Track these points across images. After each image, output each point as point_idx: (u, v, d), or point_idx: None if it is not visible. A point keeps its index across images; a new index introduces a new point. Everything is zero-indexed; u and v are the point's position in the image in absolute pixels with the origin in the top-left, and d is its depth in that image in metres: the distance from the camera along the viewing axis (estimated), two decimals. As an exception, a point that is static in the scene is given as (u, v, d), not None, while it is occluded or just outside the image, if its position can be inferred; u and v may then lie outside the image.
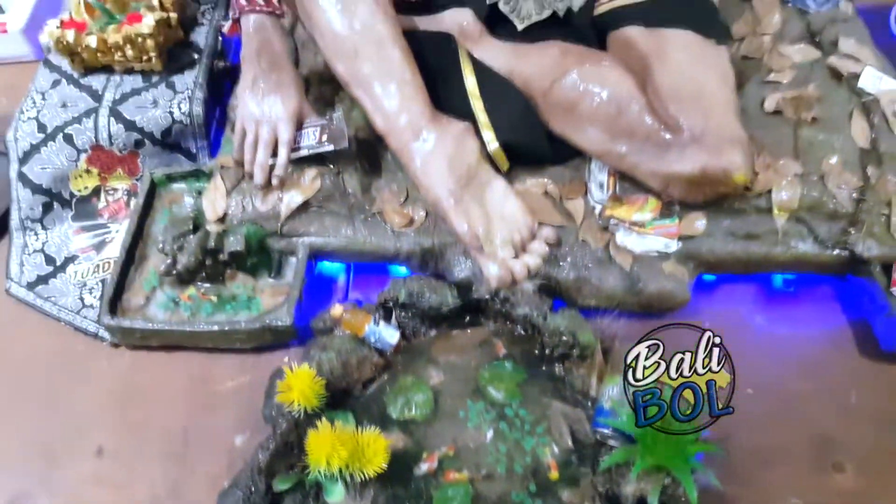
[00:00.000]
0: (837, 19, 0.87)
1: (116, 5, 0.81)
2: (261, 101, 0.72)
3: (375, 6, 0.73)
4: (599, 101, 0.72)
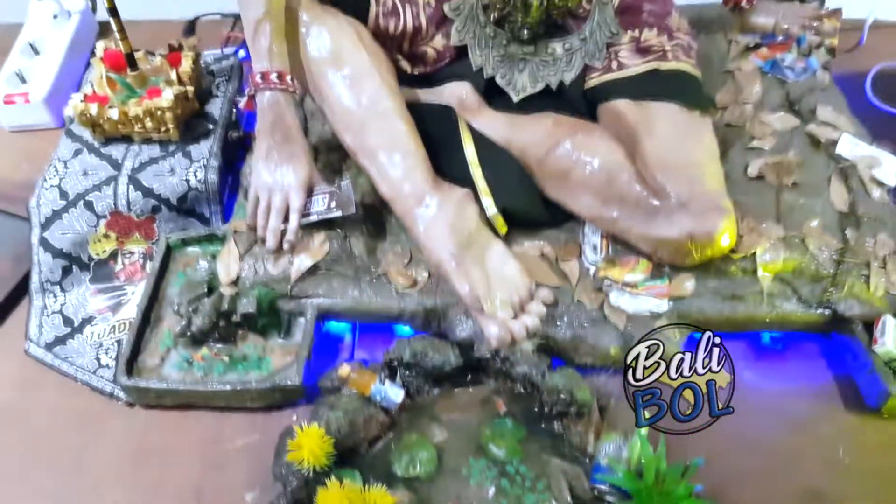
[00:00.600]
0: (815, 88, 0.92)
1: (137, 80, 0.87)
2: (274, 171, 0.76)
3: (381, 83, 0.79)
4: (591, 170, 0.76)
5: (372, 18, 0.83)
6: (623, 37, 0.84)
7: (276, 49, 0.76)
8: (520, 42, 0.85)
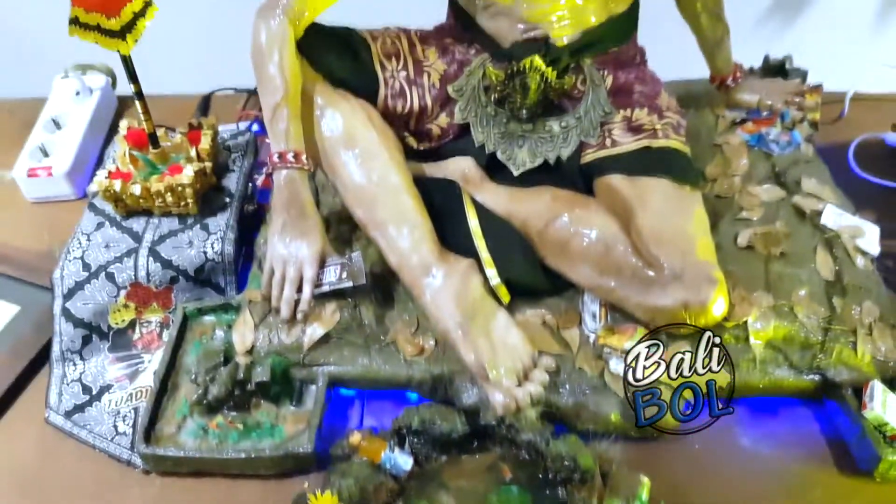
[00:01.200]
0: (800, 161, 0.97)
1: (159, 157, 0.92)
2: (288, 245, 0.80)
3: (390, 160, 0.84)
4: (588, 242, 0.81)
5: (381, 100, 0.89)
6: (616, 116, 0.89)
7: (293, 131, 0.81)
8: (519, 120, 0.90)
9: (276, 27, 0.82)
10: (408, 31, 0.95)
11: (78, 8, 0.79)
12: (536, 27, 0.88)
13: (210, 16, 1.45)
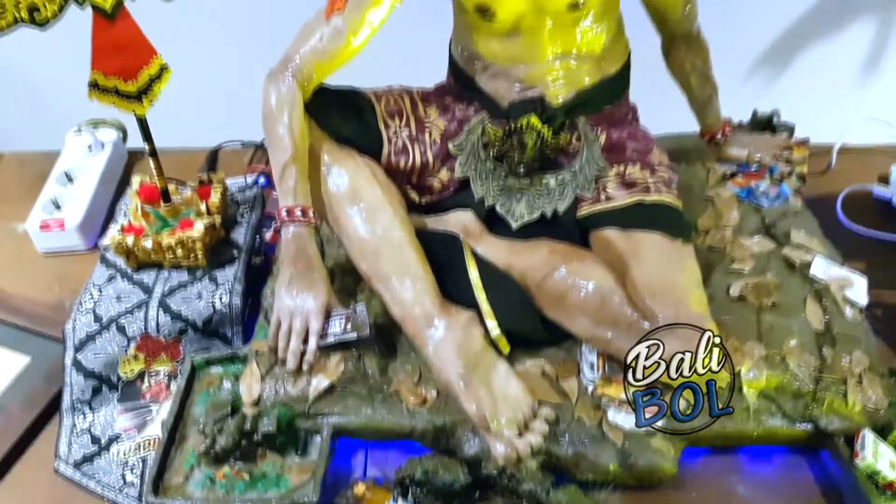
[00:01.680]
0: (788, 213, 1.00)
1: (170, 212, 0.95)
2: (295, 297, 0.83)
3: (394, 215, 0.87)
4: (585, 294, 0.84)
5: (385, 156, 0.92)
6: (610, 171, 0.93)
7: (301, 188, 0.85)
8: (517, 175, 0.94)
9: (286, 90, 0.86)
10: (410, 90, 0.99)
11: (97, 72, 0.83)
12: (533, 88, 0.92)
13: (217, 73, 1.50)
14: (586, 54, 0.91)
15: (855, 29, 1.51)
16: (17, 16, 0.76)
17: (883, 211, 1.10)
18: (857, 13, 1.50)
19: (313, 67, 0.87)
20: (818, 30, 1.51)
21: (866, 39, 1.53)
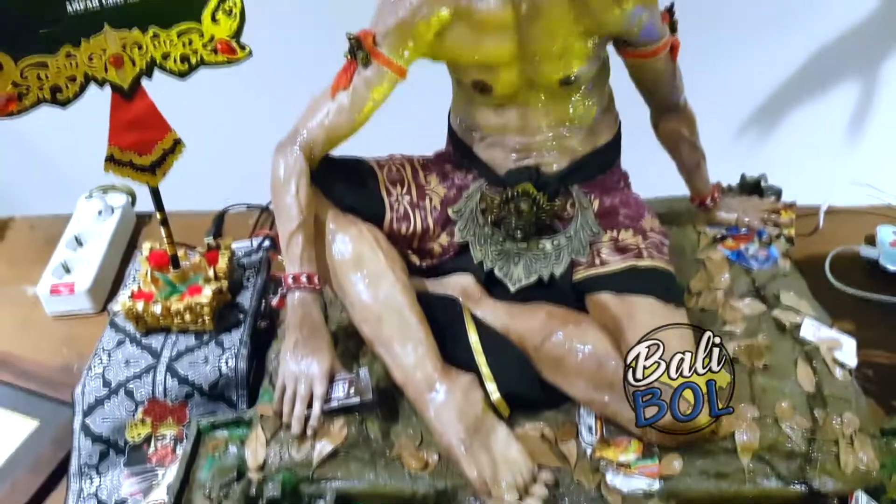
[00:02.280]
0: (778, 275, 1.03)
1: (179, 277, 0.98)
2: (300, 362, 0.85)
3: (395, 280, 0.90)
4: (582, 357, 0.86)
5: (387, 223, 0.96)
6: (603, 236, 0.96)
7: (307, 255, 0.88)
8: (514, 240, 0.97)
9: (294, 162, 0.90)
10: (411, 158, 1.03)
11: (114, 147, 0.87)
12: (528, 156, 0.97)
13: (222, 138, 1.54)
14: (579, 126, 0.96)
15: (838, 93, 1.58)
16: (40, 96, 0.81)
17: (870, 271, 1.13)
18: (840, 78, 1.57)
19: (320, 141, 0.91)
20: (802, 94, 1.57)
21: (849, 103, 1.59)
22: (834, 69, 1.55)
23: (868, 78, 1.56)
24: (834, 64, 1.54)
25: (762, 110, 1.58)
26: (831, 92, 1.57)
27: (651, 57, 0.92)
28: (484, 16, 0.86)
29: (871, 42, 1.51)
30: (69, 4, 0.78)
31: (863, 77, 1.56)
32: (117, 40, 0.82)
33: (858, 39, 1.49)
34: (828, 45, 1.52)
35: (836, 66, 1.55)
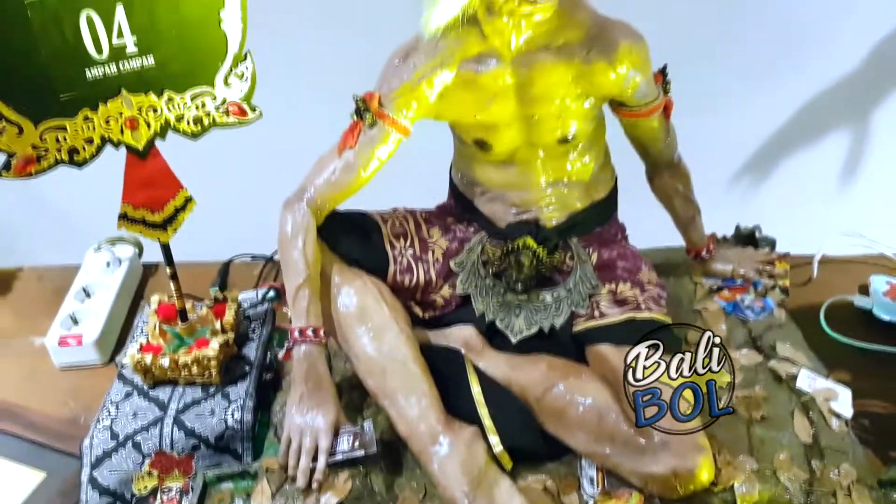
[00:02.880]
0: (773, 326, 1.06)
1: (186, 330, 1.00)
2: (305, 415, 0.87)
3: (399, 332, 0.92)
4: (583, 410, 0.88)
5: (391, 275, 0.98)
6: (602, 289, 0.99)
7: (313, 309, 0.90)
8: (515, 292, 1.00)
9: (301, 218, 0.93)
10: (414, 211, 1.06)
11: (127, 205, 0.90)
12: (528, 211, 1.00)
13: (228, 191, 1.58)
14: (576, 181, 0.99)
15: (828, 143, 1.62)
16: (58, 157, 0.84)
17: (865, 321, 1.14)
18: (831, 129, 1.61)
19: (326, 197, 0.95)
20: (794, 145, 1.61)
21: (840, 153, 1.63)
22: (824, 120, 1.59)
23: (858, 128, 1.60)
24: (824, 115, 1.58)
25: (755, 161, 1.62)
26: (822, 142, 1.61)
27: (645, 117, 0.96)
28: (484, 79, 0.90)
29: (860, 93, 1.55)
30: (88, 71, 0.82)
31: (853, 127, 1.61)
32: (133, 104, 0.85)
33: (848, 90, 1.54)
34: (818, 97, 1.56)
35: (827, 117, 1.59)
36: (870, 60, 1.52)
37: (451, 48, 0.89)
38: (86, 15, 0.79)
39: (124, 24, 0.81)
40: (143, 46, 0.83)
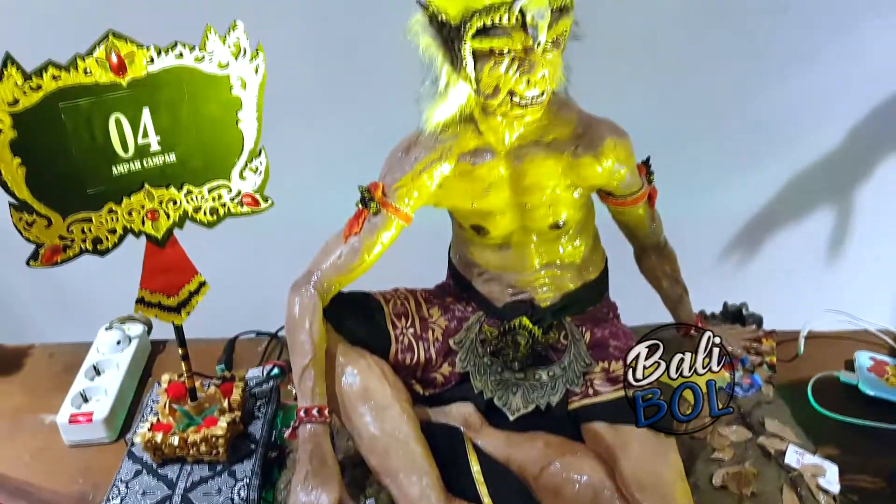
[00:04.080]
0: (762, 402, 1.09)
1: (195, 409, 1.04)
2: (309, 493, 0.90)
3: (401, 412, 0.96)
4: (579, 487, 0.91)
5: (392, 354, 1.03)
6: (595, 367, 1.03)
7: (318, 390, 0.94)
8: (512, 370, 1.04)
9: (308, 300, 0.98)
10: (414, 291, 1.12)
11: (144, 290, 0.95)
12: (523, 291, 1.05)
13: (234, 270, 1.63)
14: (569, 263, 1.05)
15: (812, 222, 1.69)
16: (82, 247, 0.90)
17: (851, 396, 1.18)
18: (814, 208, 1.68)
19: (332, 280, 1.00)
20: (778, 224, 1.68)
21: (824, 231, 1.70)
22: (807, 200, 1.67)
23: (840, 208, 1.68)
24: (807, 196, 1.66)
25: (741, 240, 1.69)
26: (805, 222, 1.68)
27: (631, 205, 1.03)
28: (480, 171, 0.97)
29: (841, 174, 1.63)
30: (114, 167, 0.88)
31: (834, 208, 1.68)
32: (155, 197, 0.91)
33: (829, 172, 1.62)
34: (800, 177, 1.64)
35: (809, 198, 1.67)
36: (849, 143, 1.60)
37: (450, 143, 0.96)
38: (115, 117, 0.86)
39: (149, 125, 0.88)
40: (165, 145, 0.89)
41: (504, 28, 0.82)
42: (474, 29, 0.82)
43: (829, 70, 1.51)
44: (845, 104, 1.56)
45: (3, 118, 0.79)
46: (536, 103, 0.88)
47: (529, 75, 0.85)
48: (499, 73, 0.85)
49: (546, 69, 0.85)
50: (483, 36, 0.83)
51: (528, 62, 0.84)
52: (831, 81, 1.51)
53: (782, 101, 1.54)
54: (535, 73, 0.85)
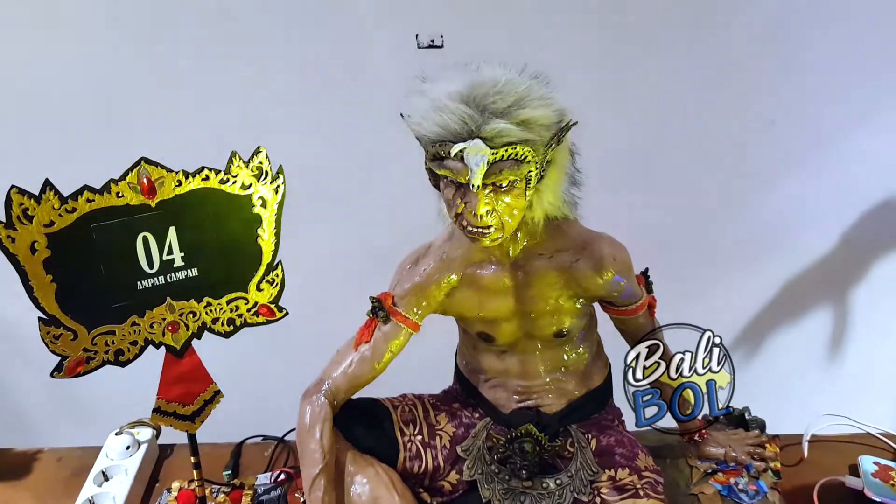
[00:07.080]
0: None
1: None
2: None
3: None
4: None
5: (400, 462, 1.04)
6: (602, 475, 1.04)
7: (328, 499, 0.95)
8: (519, 478, 1.05)
9: (319, 409, 1.00)
10: (422, 397, 1.14)
11: (161, 399, 0.98)
12: (529, 398, 1.08)
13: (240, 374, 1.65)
14: (573, 370, 1.08)
15: (813, 327, 1.72)
16: (105, 358, 0.93)
17: (856, 500, 1.17)
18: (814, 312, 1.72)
19: (343, 388, 1.03)
20: (779, 328, 1.72)
21: (825, 335, 1.73)
22: (804, 304, 1.71)
23: (837, 309, 1.72)
24: (803, 299, 1.70)
25: (741, 344, 1.72)
26: (804, 324, 1.72)
27: (632, 315, 1.07)
28: (486, 281, 1.01)
29: (836, 275, 1.68)
30: (140, 282, 0.93)
31: (832, 309, 1.72)
32: (176, 309, 0.96)
33: (825, 274, 1.67)
34: (796, 280, 1.69)
35: (806, 301, 1.71)
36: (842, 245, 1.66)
37: (457, 255, 1.01)
38: (142, 236, 0.91)
39: (174, 243, 0.93)
40: (188, 260, 0.95)
41: (453, 160, 0.85)
42: (430, 155, 0.88)
43: (816, 177, 1.59)
44: (834, 208, 1.63)
45: (39, 238, 0.84)
46: (484, 234, 0.88)
47: (473, 208, 0.87)
48: (449, 197, 0.90)
49: (492, 207, 0.86)
50: (438, 162, 0.88)
51: (470, 195, 0.87)
52: (819, 188, 1.59)
53: (774, 207, 1.61)
54: (479, 208, 0.86)
